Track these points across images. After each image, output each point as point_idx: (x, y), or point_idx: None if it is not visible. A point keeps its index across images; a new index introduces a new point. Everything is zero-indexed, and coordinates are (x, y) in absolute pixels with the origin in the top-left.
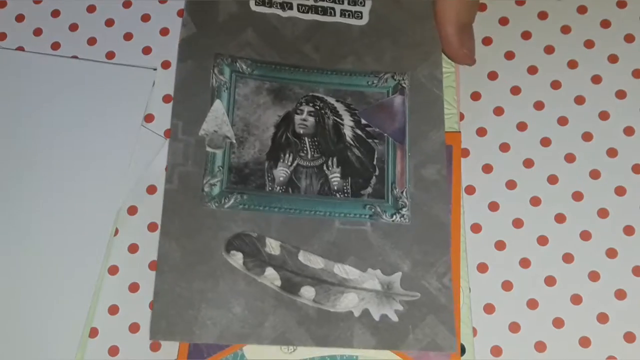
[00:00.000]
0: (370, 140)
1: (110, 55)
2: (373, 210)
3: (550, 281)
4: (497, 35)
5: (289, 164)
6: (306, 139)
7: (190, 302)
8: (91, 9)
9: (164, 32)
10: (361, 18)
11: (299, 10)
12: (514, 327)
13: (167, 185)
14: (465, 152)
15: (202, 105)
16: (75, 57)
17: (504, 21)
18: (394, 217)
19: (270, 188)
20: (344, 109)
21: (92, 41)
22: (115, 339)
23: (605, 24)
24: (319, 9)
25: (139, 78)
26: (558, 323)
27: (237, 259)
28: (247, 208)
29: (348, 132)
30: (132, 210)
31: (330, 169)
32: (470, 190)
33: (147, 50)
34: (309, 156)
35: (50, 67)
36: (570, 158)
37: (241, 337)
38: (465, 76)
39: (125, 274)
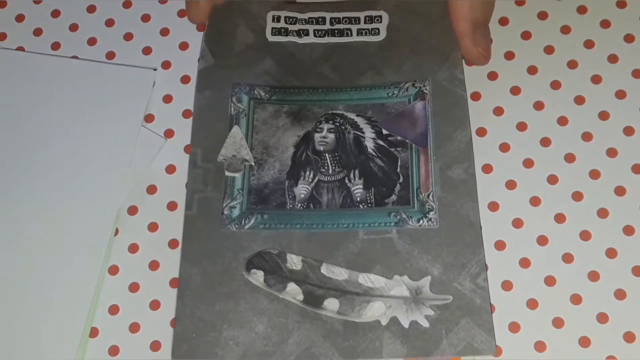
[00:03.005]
0: (392, 149)
1: (110, 55)
2: (398, 217)
3: (550, 281)
4: (497, 35)
5: (310, 180)
6: (327, 155)
7: (212, 324)
8: (91, 9)
9: (164, 32)
10: (378, 34)
11: (315, 35)
12: (514, 327)
13: (187, 211)
14: None
15: (220, 133)
16: (75, 57)
17: (504, 21)
18: (421, 222)
19: (291, 206)
20: (365, 122)
21: (92, 41)
22: (115, 339)
23: (605, 24)
24: (336, 31)
25: (139, 78)
26: (558, 323)
27: (257, 277)
28: (268, 227)
29: (369, 144)
30: (132, 210)
31: (352, 181)
32: None
33: (147, 51)
34: (330, 171)
35: (50, 67)
36: (570, 158)
37: (264, 355)
38: (466, 77)
39: (125, 274)
